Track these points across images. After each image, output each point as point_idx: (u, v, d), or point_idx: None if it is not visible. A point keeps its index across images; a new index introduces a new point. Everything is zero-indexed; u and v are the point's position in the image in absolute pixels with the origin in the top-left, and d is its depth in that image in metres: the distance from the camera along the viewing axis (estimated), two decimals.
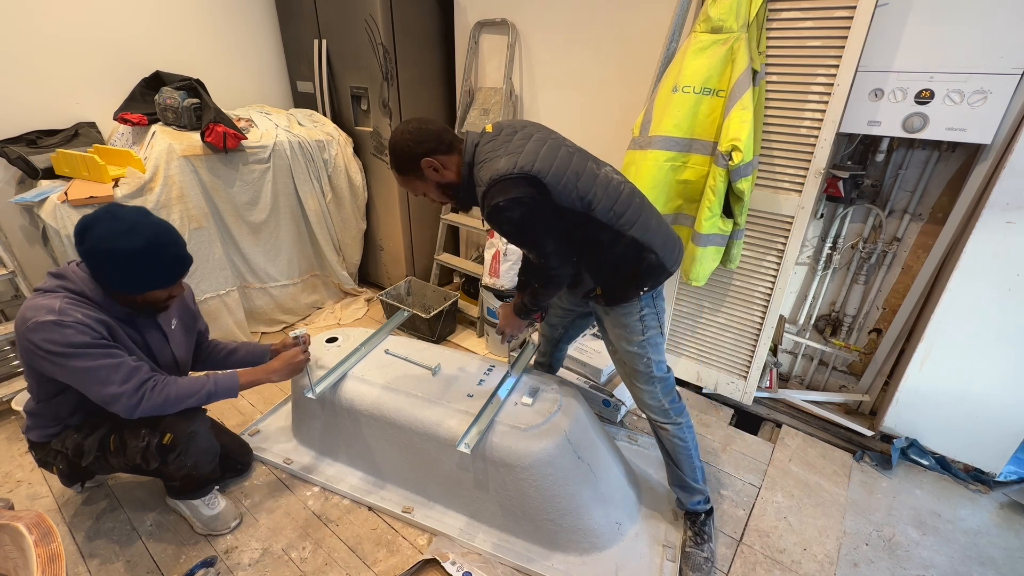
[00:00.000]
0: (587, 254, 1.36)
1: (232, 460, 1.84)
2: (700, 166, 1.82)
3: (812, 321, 2.35)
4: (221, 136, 2.26)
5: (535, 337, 1.95)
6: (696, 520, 1.65)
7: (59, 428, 1.49)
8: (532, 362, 1.95)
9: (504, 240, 2.46)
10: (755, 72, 1.68)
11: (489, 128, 1.34)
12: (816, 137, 1.73)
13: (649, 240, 1.33)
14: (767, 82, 1.77)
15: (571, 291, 1.49)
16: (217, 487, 1.72)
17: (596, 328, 2.48)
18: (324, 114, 2.90)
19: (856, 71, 1.63)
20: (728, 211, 1.83)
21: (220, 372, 1.50)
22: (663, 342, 1.51)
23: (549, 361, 1.93)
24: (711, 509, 1.68)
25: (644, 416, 1.61)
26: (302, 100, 3.08)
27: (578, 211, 1.27)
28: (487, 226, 2.48)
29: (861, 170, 1.94)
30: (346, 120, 2.91)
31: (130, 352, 1.39)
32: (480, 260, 2.98)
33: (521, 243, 1.34)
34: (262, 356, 1.84)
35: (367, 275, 3.38)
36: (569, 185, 1.25)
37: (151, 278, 1.34)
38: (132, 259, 1.28)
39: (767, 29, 1.72)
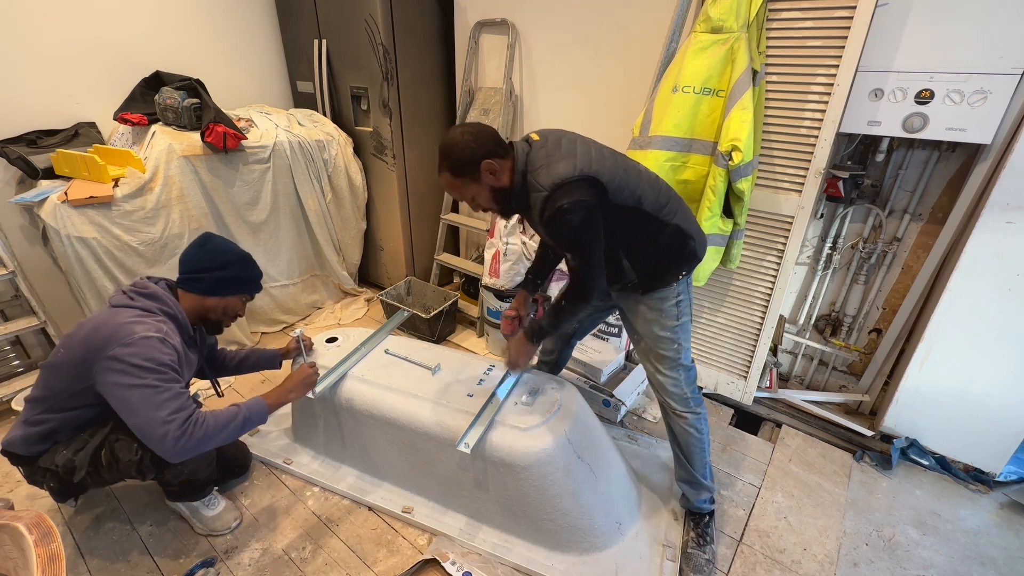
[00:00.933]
0: (633, 246, 1.39)
1: (230, 463, 1.84)
2: (700, 166, 1.82)
3: (812, 321, 2.35)
4: (221, 136, 2.26)
5: None
6: (700, 521, 1.65)
7: (47, 445, 1.45)
8: (533, 362, 1.95)
9: (504, 240, 2.46)
10: (755, 72, 1.68)
11: (535, 136, 1.35)
12: (816, 137, 1.73)
13: (689, 227, 1.41)
14: (767, 82, 1.77)
15: (608, 285, 1.50)
16: (216, 488, 1.72)
17: (596, 328, 2.48)
18: (324, 114, 2.90)
19: (856, 71, 1.63)
20: (728, 211, 1.83)
21: (246, 401, 1.48)
22: (691, 330, 1.54)
23: (556, 359, 1.92)
24: (713, 511, 1.68)
25: (661, 404, 1.60)
26: (302, 100, 3.07)
27: (629, 207, 1.31)
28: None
29: (861, 170, 1.94)
30: (346, 120, 2.91)
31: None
32: (480, 260, 2.98)
33: (574, 247, 1.34)
34: (273, 360, 1.85)
35: (367, 275, 3.38)
36: (621, 183, 1.29)
37: (247, 279, 1.57)
38: (242, 259, 1.55)
39: (767, 29, 1.72)
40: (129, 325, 1.32)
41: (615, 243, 1.36)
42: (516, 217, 2.38)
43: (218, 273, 1.50)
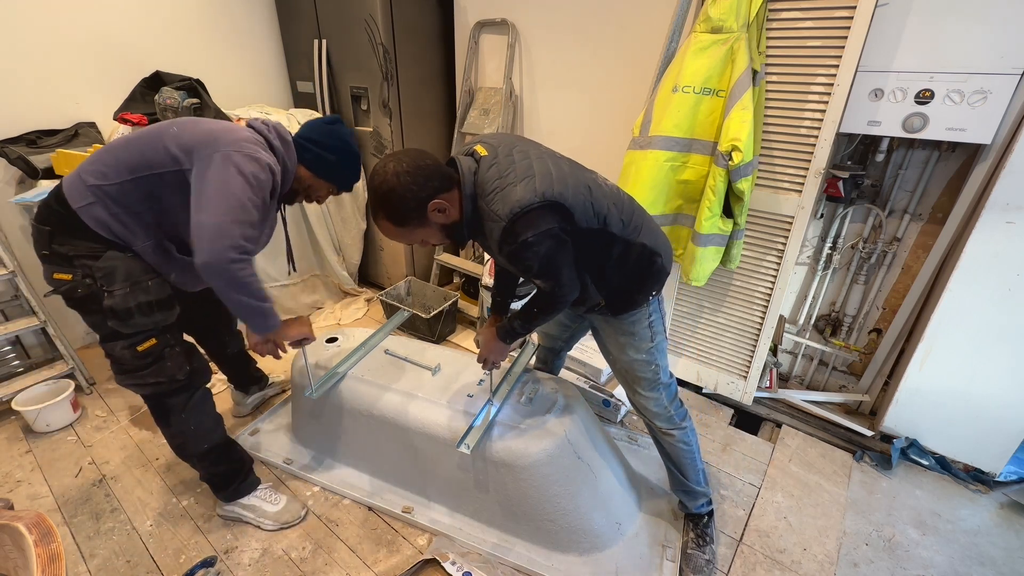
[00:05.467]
0: (598, 269, 1.28)
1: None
2: (700, 166, 1.82)
3: (812, 321, 2.35)
4: None
5: (535, 337, 1.95)
6: (699, 522, 1.65)
7: (106, 234, 1.39)
8: (532, 362, 1.95)
9: None
10: (755, 72, 1.68)
11: (481, 150, 1.19)
12: (816, 137, 1.73)
13: (655, 244, 1.30)
14: (767, 82, 1.77)
15: (573, 307, 1.41)
16: (270, 485, 1.76)
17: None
18: (324, 114, 2.90)
19: (856, 71, 1.63)
20: (728, 211, 1.83)
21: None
22: (667, 347, 1.49)
23: (549, 368, 1.92)
24: (712, 511, 1.68)
25: (647, 424, 1.57)
26: (302, 100, 3.07)
27: (595, 229, 1.20)
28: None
29: (861, 170, 1.94)
30: (346, 120, 2.91)
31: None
32: (480, 260, 2.98)
33: (541, 276, 1.21)
34: None
35: (367, 275, 3.38)
36: (585, 203, 1.17)
37: (345, 174, 1.55)
38: (351, 155, 1.53)
39: (767, 29, 1.72)
40: (248, 142, 1.32)
41: (579, 269, 1.24)
42: None
43: (324, 153, 1.49)
